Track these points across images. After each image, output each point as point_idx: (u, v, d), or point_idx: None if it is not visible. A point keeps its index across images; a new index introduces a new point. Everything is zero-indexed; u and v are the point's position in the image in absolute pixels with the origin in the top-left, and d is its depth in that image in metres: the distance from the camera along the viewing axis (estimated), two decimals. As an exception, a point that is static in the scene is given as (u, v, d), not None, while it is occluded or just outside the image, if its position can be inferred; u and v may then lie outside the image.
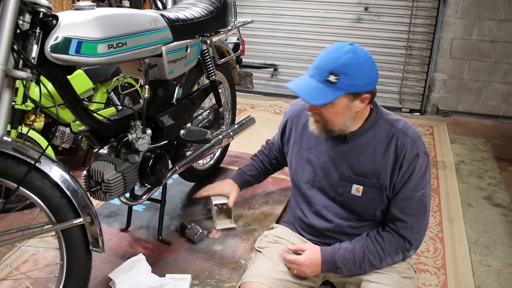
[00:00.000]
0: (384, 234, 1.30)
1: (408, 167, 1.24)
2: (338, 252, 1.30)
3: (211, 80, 2.12)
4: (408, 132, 1.28)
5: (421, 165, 1.26)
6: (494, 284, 1.93)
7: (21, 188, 1.23)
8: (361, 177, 1.29)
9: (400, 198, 1.27)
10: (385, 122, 1.29)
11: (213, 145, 2.15)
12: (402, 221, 1.28)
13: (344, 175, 1.31)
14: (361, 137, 1.29)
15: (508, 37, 4.05)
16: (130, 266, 1.69)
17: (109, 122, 1.57)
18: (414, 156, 1.25)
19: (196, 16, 1.85)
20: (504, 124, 4.22)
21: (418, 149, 1.26)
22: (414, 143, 1.26)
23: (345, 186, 1.31)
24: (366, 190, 1.29)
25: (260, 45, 4.84)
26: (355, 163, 1.29)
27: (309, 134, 1.39)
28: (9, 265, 1.86)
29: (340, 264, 1.29)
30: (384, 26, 4.36)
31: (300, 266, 1.29)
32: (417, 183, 1.26)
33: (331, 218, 1.36)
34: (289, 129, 1.50)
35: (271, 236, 1.47)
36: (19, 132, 2.35)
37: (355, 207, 1.32)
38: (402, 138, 1.26)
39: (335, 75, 1.17)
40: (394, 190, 1.28)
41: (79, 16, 1.30)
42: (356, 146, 1.29)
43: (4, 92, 1.18)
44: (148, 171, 1.60)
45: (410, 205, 1.27)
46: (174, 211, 2.20)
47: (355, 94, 1.20)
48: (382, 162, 1.27)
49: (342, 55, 1.18)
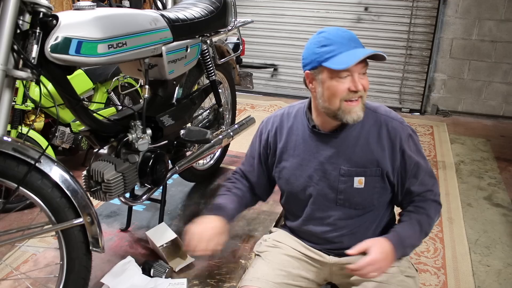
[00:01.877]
0: (420, 204, 1.31)
1: (409, 148, 1.28)
2: (400, 234, 1.26)
3: (211, 80, 2.12)
4: (391, 115, 1.31)
5: (416, 141, 1.31)
6: (494, 284, 1.93)
7: (21, 188, 1.23)
8: (362, 168, 1.28)
9: (418, 176, 1.29)
10: (368, 110, 1.29)
11: (213, 145, 2.15)
12: (428, 191, 1.31)
13: (344, 170, 1.29)
14: (351, 129, 1.28)
15: (508, 37, 4.05)
16: (121, 269, 1.69)
17: (109, 122, 1.57)
18: (408, 136, 1.29)
19: (196, 16, 1.85)
20: (504, 124, 4.21)
21: (408, 129, 1.30)
22: (401, 124, 1.30)
23: (346, 181, 1.29)
24: (369, 180, 1.28)
25: (260, 45, 4.84)
26: (352, 156, 1.28)
27: (296, 141, 1.36)
28: (9, 265, 1.86)
29: (407, 243, 1.27)
30: (384, 26, 4.35)
31: (378, 263, 1.16)
32: (420, 158, 1.30)
33: (330, 222, 1.34)
34: (273, 141, 1.41)
35: (270, 240, 1.45)
36: (19, 132, 2.35)
37: (359, 200, 1.30)
38: (390, 122, 1.29)
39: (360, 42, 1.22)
40: (407, 173, 1.29)
41: (79, 16, 1.30)
42: (347, 139, 1.29)
43: (4, 92, 1.18)
44: (148, 171, 1.60)
45: (425, 177, 1.30)
46: (174, 211, 2.20)
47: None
48: (378, 149, 1.27)
49: (345, 30, 1.24)
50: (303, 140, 1.34)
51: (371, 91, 4.54)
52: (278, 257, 1.38)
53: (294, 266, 1.36)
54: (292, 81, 4.84)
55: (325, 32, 1.23)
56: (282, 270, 1.34)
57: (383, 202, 1.34)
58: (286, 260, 1.37)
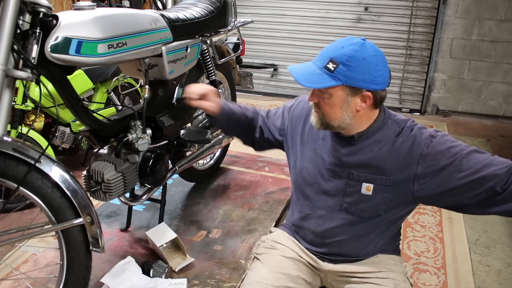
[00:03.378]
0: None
1: (433, 148, 1.17)
2: None
3: (211, 80, 2.12)
4: (414, 127, 1.24)
5: (441, 138, 1.19)
6: (494, 284, 1.93)
7: (21, 188, 1.23)
8: (371, 175, 1.24)
9: (472, 159, 1.14)
10: (394, 123, 1.26)
11: (213, 145, 2.15)
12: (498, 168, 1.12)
13: (353, 174, 1.26)
14: (369, 139, 1.25)
15: (508, 37, 4.05)
16: (121, 269, 1.69)
17: (109, 122, 1.57)
18: (427, 138, 1.19)
19: (196, 16, 1.85)
20: (504, 124, 4.21)
21: (427, 133, 1.21)
22: (420, 130, 1.22)
23: (355, 185, 1.27)
24: (377, 188, 1.24)
25: (260, 45, 4.84)
26: (363, 162, 1.25)
27: (315, 135, 1.35)
28: (9, 265, 1.86)
29: None
30: (384, 26, 4.35)
31: None
32: (454, 153, 1.16)
33: (332, 224, 1.32)
34: (296, 122, 1.42)
35: (268, 241, 1.44)
36: (19, 132, 2.35)
37: (364, 207, 1.27)
38: (409, 131, 1.23)
39: (334, 63, 1.14)
40: (450, 169, 1.15)
41: (79, 16, 1.30)
42: (363, 147, 1.25)
43: (4, 92, 1.18)
44: (148, 171, 1.60)
45: (482, 156, 1.15)
46: (174, 211, 2.20)
47: (353, 89, 1.16)
48: (391, 158, 1.22)
49: (346, 46, 1.16)
50: (323, 136, 1.33)
51: (371, 91, 4.55)
52: (276, 259, 1.37)
53: (293, 268, 1.35)
54: (292, 81, 4.83)
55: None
56: (281, 273, 1.33)
57: (391, 216, 1.29)
58: (284, 261, 1.36)
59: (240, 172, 2.66)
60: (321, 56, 1.19)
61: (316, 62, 1.19)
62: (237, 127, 1.48)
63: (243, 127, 1.48)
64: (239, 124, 1.46)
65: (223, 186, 2.48)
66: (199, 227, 2.07)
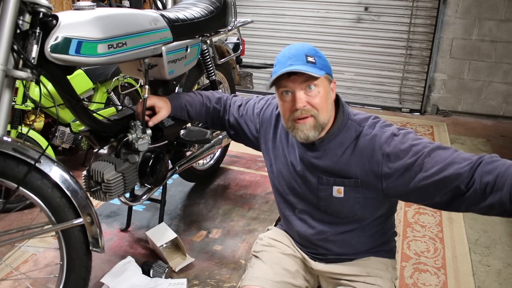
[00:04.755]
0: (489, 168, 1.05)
1: (394, 147, 1.15)
2: None
3: (211, 80, 2.12)
4: (375, 125, 1.21)
5: (402, 137, 1.16)
6: (494, 284, 1.93)
7: (21, 188, 1.23)
8: (340, 178, 1.23)
9: (435, 157, 1.10)
10: (354, 123, 1.23)
11: (213, 145, 2.15)
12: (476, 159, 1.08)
13: (322, 179, 1.26)
14: (331, 143, 1.23)
15: (508, 37, 4.05)
16: (121, 269, 1.69)
17: (109, 122, 1.57)
18: (388, 137, 1.16)
19: (196, 16, 1.85)
20: (504, 124, 4.21)
21: (389, 131, 1.18)
22: (382, 128, 1.20)
23: (326, 189, 1.26)
24: (348, 190, 1.23)
25: (260, 45, 4.84)
26: (329, 167, 1.24)
27: (284, 141, 1.34)
28: (9, 265, 1.86)
29: None
30: (384, 26, 4.35)
31: None
32: (417, 151, 1.12)
33: (314, 224, 1.32)
34: (264, 129, 1.41)
35: (266, 238, 1.45)
36: (19, 132, 2.35)
37: (339, 209, 1.26)
38: (370, 131, 1.20)
39: (311, 57, 1.15)
40: (414, 168, 1.11)
41: (79, 16, 1.30)
42: (327, 152, 1.24)
43: (4, 92, 1.18)
44: (148, 171, 1.60)
45: (446, 152, 1.11)
46: (174, 211, 2.20)
47: (330, 77, 1.20)
48: (355, 160, 1.20)
49: (300, 46, 1.18)
50: (290, 142, 1.33)
51: (372, 91, 4.54)
52: (274, 255, 1.38)
53: (291, 264, 1.37)
54: (292, 81, 4.84)
55: (281, 51, 1.20)
56: (281, 269, 1.34)
57: (370, 215, 1.28)
58: (283, 258, 1.38)
59: (240, 172, 2.66)
60: (295, 57, 1.15)
61: (294, 63, 1.14)
62: (203, 113, 1.59)
63: (208, 111, 1.58)
64: (202, 109, 1.58)
65: (223, 186, 2.48)
66: (199, 227, 2.07)
